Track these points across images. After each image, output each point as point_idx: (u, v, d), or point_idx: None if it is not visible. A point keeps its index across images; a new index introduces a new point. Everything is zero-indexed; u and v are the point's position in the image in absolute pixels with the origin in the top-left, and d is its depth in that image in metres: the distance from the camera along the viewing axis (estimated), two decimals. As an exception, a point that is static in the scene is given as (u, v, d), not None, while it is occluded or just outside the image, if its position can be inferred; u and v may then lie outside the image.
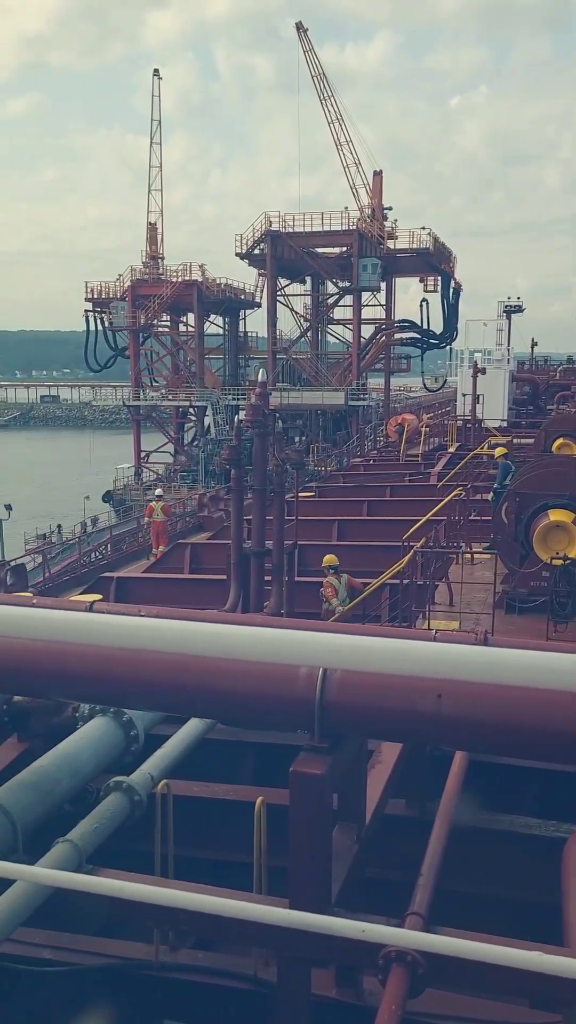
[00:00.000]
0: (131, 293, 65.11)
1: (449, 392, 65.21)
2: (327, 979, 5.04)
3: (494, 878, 6.45)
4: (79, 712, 6.54)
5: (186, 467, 63.46)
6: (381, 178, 65.69)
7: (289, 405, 59.26)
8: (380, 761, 5.92)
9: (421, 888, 4.87)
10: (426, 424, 40.07)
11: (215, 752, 7.24)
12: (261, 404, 12.76)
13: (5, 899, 4.51)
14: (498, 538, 14.77)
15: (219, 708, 4.99)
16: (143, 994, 5.45)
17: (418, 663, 1.36)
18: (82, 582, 20.53)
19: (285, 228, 62.40)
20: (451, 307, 67.08)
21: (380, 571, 15.35)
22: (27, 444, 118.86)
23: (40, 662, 4.71)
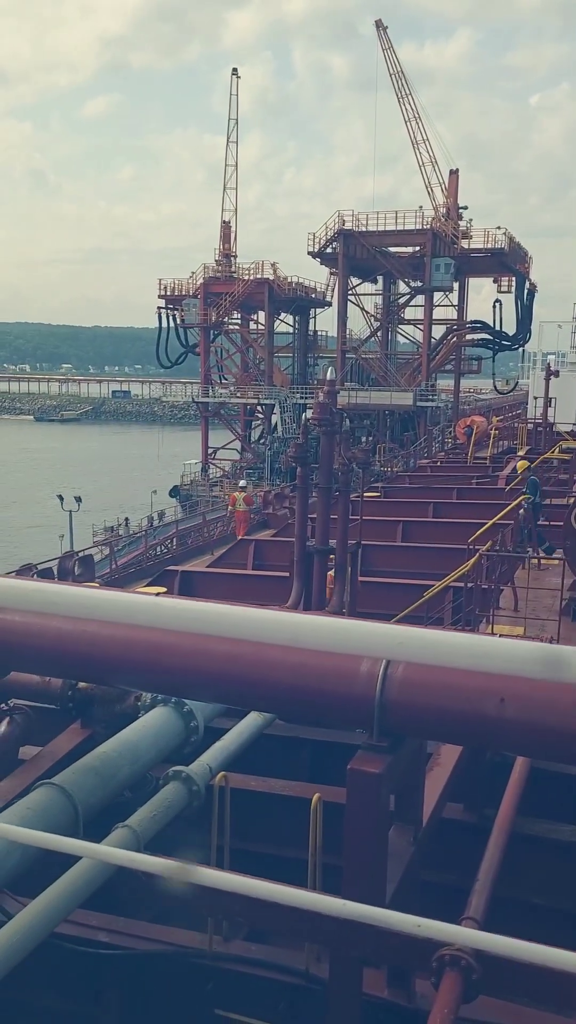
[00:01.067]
0: (203, 291, 65.82)
1: (520, 395, 63.99)
2: (379, 979, 5.02)
3: (554, 889, 6.31)
4: (141, 701, 6.64)
5: (252, 464, 63.84)
6: (457, 177, 64.87)
7: (357, 405, 59.03)
8: (439, 764, 5.86)
9: (477, 894, 4.80)
10: (495, 427, 39.40)
11: (272, 747, 7.27)
12: (329, 403, 12.74)
13: (64, 880, 4.62)
14: (568, 543, 14.43)
15: (279, 702, 5.02)
16: (195, 982, 5.51)
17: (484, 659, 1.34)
18: (147, 575, 20.86)
19: (358, 227, 62.14)
20: (525, 308, 65.77)
21: (444, 574, 15.17)
22: (98, 438, 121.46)
23: (106, 651, 4.81)
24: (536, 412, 37.70)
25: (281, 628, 1.57)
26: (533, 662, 1.26)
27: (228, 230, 69.59)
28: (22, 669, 6.17)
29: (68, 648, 4.87)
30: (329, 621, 1.54)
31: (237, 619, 1.59)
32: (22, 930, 4.37)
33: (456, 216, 63.37)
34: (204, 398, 68.27)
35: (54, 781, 5.31)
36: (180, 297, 67.30)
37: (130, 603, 1.64)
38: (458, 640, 1.32)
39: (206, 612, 1.62)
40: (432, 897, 5.38)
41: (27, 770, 6.39)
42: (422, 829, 5.10)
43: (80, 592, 1.65)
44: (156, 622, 1.55)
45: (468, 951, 4.05)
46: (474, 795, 6.48)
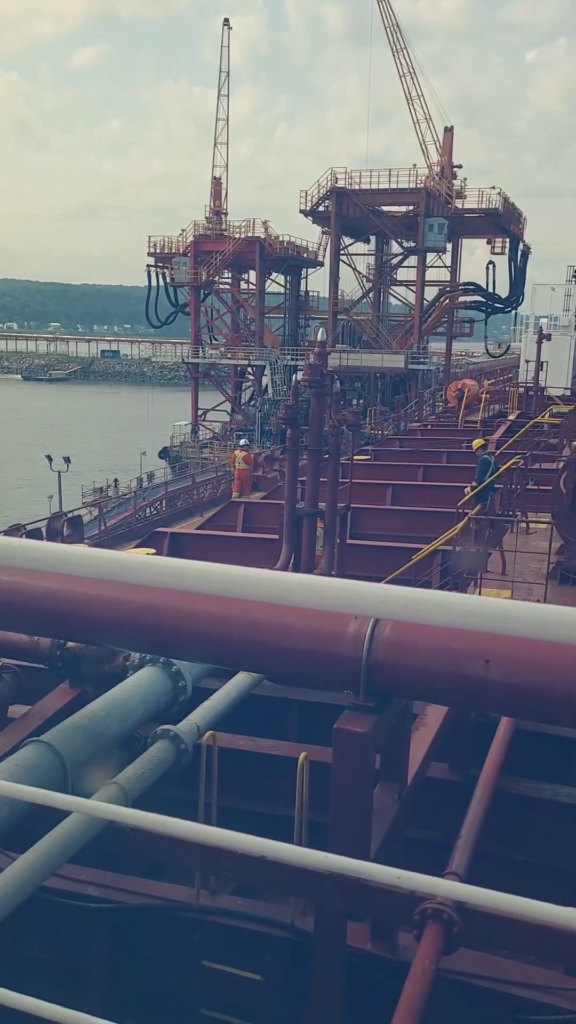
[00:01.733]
0: (193, 249, 64.86)
1: (512, 358, 63.77)
2: (363, 932, 5.13)
3: (536, 846, 6.44)
4: (130, 661, 6.67)
5: (242, 426, 63.55)
6: (452, 135, 63.80)
7: (348, 367, 58.68)
8: (424, 724, 5.93)
9: (460, 850, 4.89)
10: (487, 390, 39.27)
11: (261, 707, 7.33)
12: (320, 364, 12.64)
13: (53, 835, 4.67)
14: (556, 508, 14.47)
15: (267, 663, 5.05)
16: (183, 935, 5.61)
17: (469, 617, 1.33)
18: (136, 536, 20.86)
19: (351, 185, 61.15)
20: (519, 270, 65.19)
21: (433, 537, 15.22)
22: (87, 398, 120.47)
23: (94, 610, 4.82)
24: (527, 376, 37.57)
25: (268, 587, 1.56)
26: (518, 621, 1.26)
27: (219, 187, 68.36)
28: (10, 628, 6.18)
29: (56, 608, 4.87)
30: (315, 579, 1.53)
31: (224, 577, 1.58)
32: (11, 884, 4.43)
33: (450, 175, 62.45)
34: (194, 359, 67.65)
35: (42, 739, 5.34)
36: (170, 255, 66.29)
37: (118, 561, 1.63)
38: (443, 598, 1.31)
39: (193, 570, 1.60)
40: (416, 853, 5.48)
41: (16, 728, 6.43)
42: (407, 787, 5.18)
43: (68, 550, 1.64)
44: (144, 580, 1.54)
45: (449, 904, 4.13)
46: (459, 754, 6.58)
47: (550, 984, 4.96)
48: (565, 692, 3.97)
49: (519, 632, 1.25)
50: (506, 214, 62.12)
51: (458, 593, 1.36)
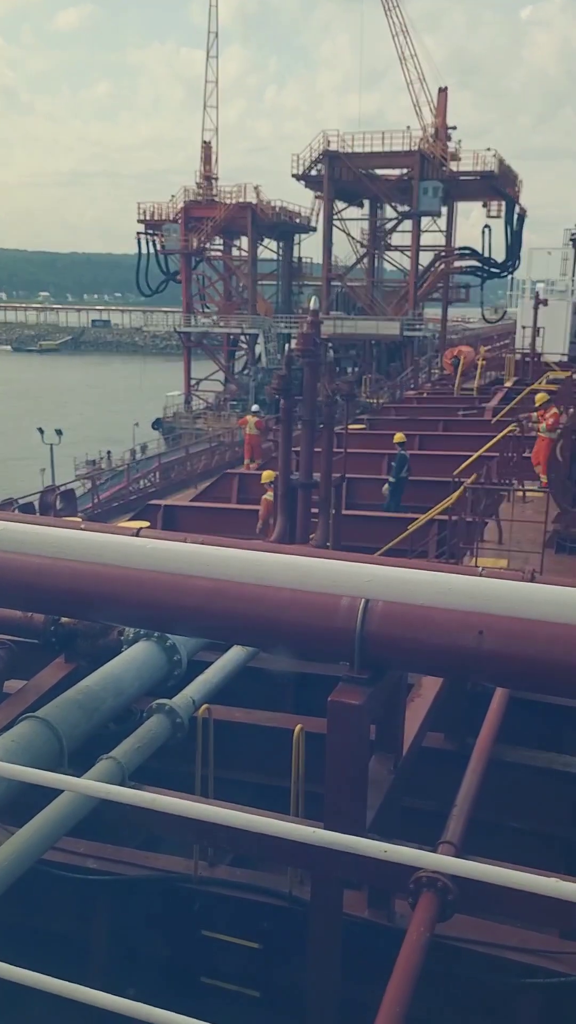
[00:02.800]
0: (184, 215, 63.91)
1: (509, 324, 63.17)
2: (359, 900, 5.19)
3: (530, 813, 6.50)
4: (124, 636, 6.67)
5: (236, 395, 63.18)
6: (446, 95, 62.65)
7: (342, 334, 58.19)
8: (420, 695, 5.95)
9: (455, 818, 4.93)
10: (483, 357, 38.97)
11: (256, 680, 7.35)
12: (312, 333, 12.51)
13: (51, 809, 4.69)
14: (552, 476, 14.45)
15: (261, 636, 5.04)
16: (182, 906, 5.67)
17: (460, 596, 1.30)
18: (130, 509, 20.80)
19: (343, 148, 60.16)
20: (515, 234, 64.46)
21: (429, 506, 15.20)
22: (78, 369, 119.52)
23: (87, 585, 4.79)
24: (524, 342, 37.29)
25: (261, 568, 1.53)
26: (501, 600, 1.23)
27: (209, 151, 67.24)
28: (3, 605, 6.16)
29: (50, 583, 4.84)
30: (304, 561, 1.50)
31: (218, 560, 1.55)
32: (10, 857, 4.46)
33: (445, 137, 61.43)
34: (186, 327, 66.99)
35: (38, 714, 5.35)
36: (160, 222, 65.33)
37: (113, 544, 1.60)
38: (428, 578, 1.28)
39: (186, 553, 1.57)
40: (412, 822, 5.53)
41: (12, 704, 6.44)
42: (402, 758, 5.21)
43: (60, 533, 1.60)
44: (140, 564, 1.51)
45: (444, 872, 4.16)
46: (454, 724, 6.61)
47: (544, 948, 5.04)
48: (558, 662, 3.97)
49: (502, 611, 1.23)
50: (502, 176, 61.27)
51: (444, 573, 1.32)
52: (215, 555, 1.56)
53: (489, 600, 1.31)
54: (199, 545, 1.69)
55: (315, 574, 1.50)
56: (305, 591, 4.32)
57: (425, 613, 4.22)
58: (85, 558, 1.65)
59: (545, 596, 1.28)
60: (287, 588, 4.03)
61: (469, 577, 1.35)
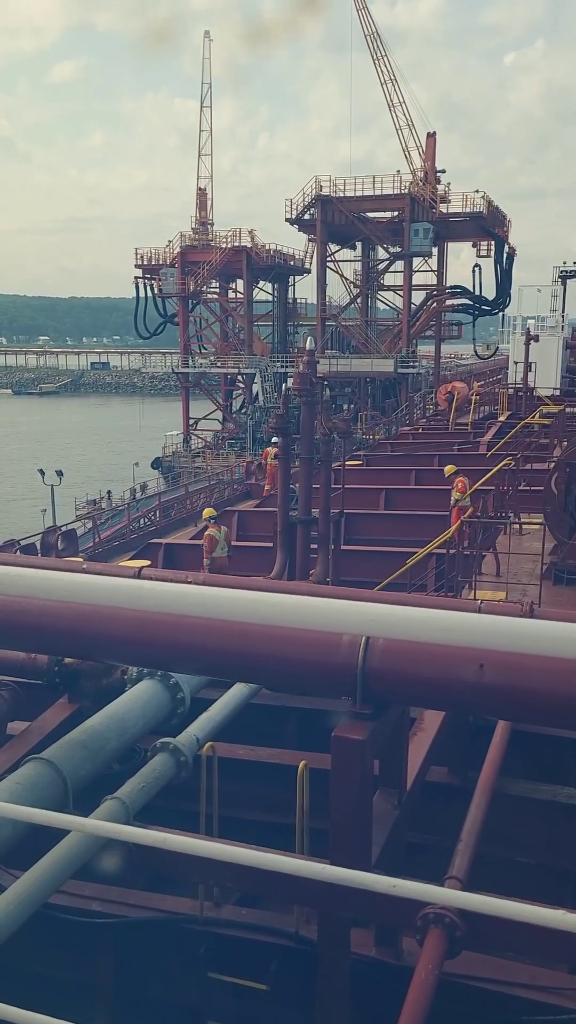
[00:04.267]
0: (180, 259, 64.99)
1: (501, 360, 64.00)
2: (367, 938, 5.15)
3: (535, 847, 6.48)
4: (128, 675, 6.69)
5: (234, 434, 63.61)
6: (435, 140, 64.10)
7: (338, 372, 58.80)
8: (422, 729, 5.97)
9: (460, 853, 4.92)
10: (477, 392, 39.40)
11: (259, 716, 7.36)
12: (309, 372, 12.72)
13: (56, 852, 4.69)
14: (548, 509, 14.56)
15: (264, 673, 5.08)
16: (188, 948, 5.63)
17: (460, 634, 1.38)
18: (131, 548, 20.85)
19: (335, 192, 61.41)
20: (504, 272, 65.51)
21: (427, 540, 15.29)
22: (78, 410, 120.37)
23: (91, 626, 4.84)
24: (517, 377, 37.72)
25: (262, 608, 1.61)
26: (501, 636, 1.31)
27: (204, 197, 68.61)
28: (7, 646, 6.20)
29: (53, 625, 4.89)
30: (309, 600, 1.57)
31: (219, 600, 1.62)
32: (16, 902, 4.45)
33: (434, 180, 62.75)
34: (184, 368, 67.70)
35: (43, 756, 5.36)
36: (157, 266, 66.43)
37: (118, 587, 1.67)
38: (428, 616, 1.36)
39: (190, 594, 1.65)
40: (417, 858, 5.52)
41: (15, 745, 6.44)
42: (406, 793, 5.22)
43: (64, 576, 1.68)
44: (142, 605, 1.59)
45: (452, 909, 4.16)
46: (457, 758, 6.62)
47: (554, 984, 5.00)
48: (558, 695, 4.01)
49: (501, 647, 1.30)
50: (490, 217, 62.46)
51: (443, 609, 1.40)
52: (219, 596, 1.63)
53: (488, 636, 1.39)
54: (202, 586, 1.77)
55: (317, 613, 1.57)
56: (307, 629, 4.39)
57: (426, 648, 4.28)
58: (91, 601, 1.73)
59: (542, 631, 1.35)
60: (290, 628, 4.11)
61: (468, 614, 1.43)
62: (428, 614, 1.42)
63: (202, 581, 6.84)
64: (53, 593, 1.67)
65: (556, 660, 3.93)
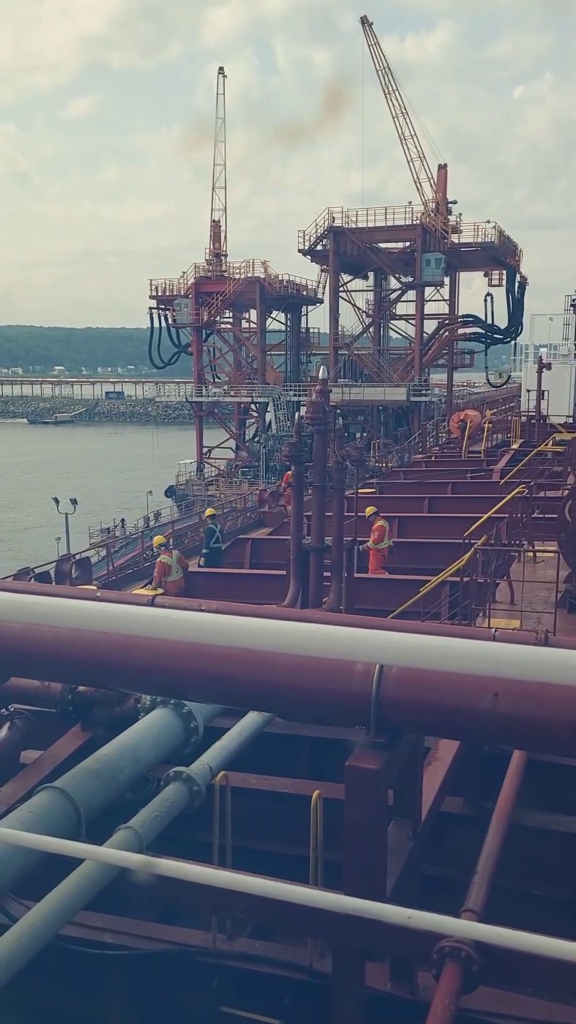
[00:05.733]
0: (194, 290, 65.78)
1: (513, 388, 64.15)
2: (382, 973, 5.08)
3: (552, 879, 6.38)
4: (141, 703, 6.69)
5: (247, 463, 63.87)
6: (446, 172, 64.91)
7: (351, 401, 59.09)
8: (437, 758, 5.92)
9: (476, 886, 4.86)
10: (489, 420, 39.46)
11: (272, 745, 7.32)
12: (322, 401, 12.80)
13: (68, 883, 4.67)
14: (563, 536, 14.50)
15: (277, 702, 5.07)
16: (200, 980, 5.56)
17: (475, 662, 1.39)
18: (145, 575, 20.88)
19: (347, 224, 62.15)
20: (516, 301, 65.88)
21: (440, 568, 15.24)
22: (92, 439, 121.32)
23: (104, 654, 4.86)
24: (529, 405, 37.77)
25: (276, 636, 1.62)
26: (516, 664, 1.32)
27: (218, 229, 69.53)
28: (21, 674, 6.21)
29: (67, 653, 4.91)
30: (322, 629, 1.59)
31: (233, 629, 1.64)
32: (27, 933, 4.42)
33: (445, 211, 63.43)
34: (198, 397, 68.23)
35: (56, 784, 5.35)
36: (171, 297, 67.26)
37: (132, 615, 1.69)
38: (441, 644, 1.37)
39: (204, 623, 1.67)
40: (433, 890, 5.45)
41: (28, 774, 6.43)
42: (421, 823, 5.16)
43: (78, 604, 1.70)
44: (157, 633, 1.61)
45: (468, 942, 4.10)
46: (472, 788, 6.55)
47: (572, 1022, 4.90)
48: (574, 724, 3.98)
49: (516, 675, 1.31)
50: (501, 247, 62.97)
51: (456, 638, 1.42)
52: (233, 624, 1.65)
53: (502, 664, 1.39)
54: (216, 614, 1.78)
55: (331, 641, 1.59)
56: (321, 658, 4.39)
57: (440, 676, 4.26)
58: (104, 628, 1.75)
59: (557, 660, 1.36)
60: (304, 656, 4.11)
61: (481, 642, 1.44)
62: (442, 642, 1.44)
63: (215, 609, 6.85)
64: (66, 621, 1.69)
65: (572, 689, 3.90)
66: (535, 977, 4.43)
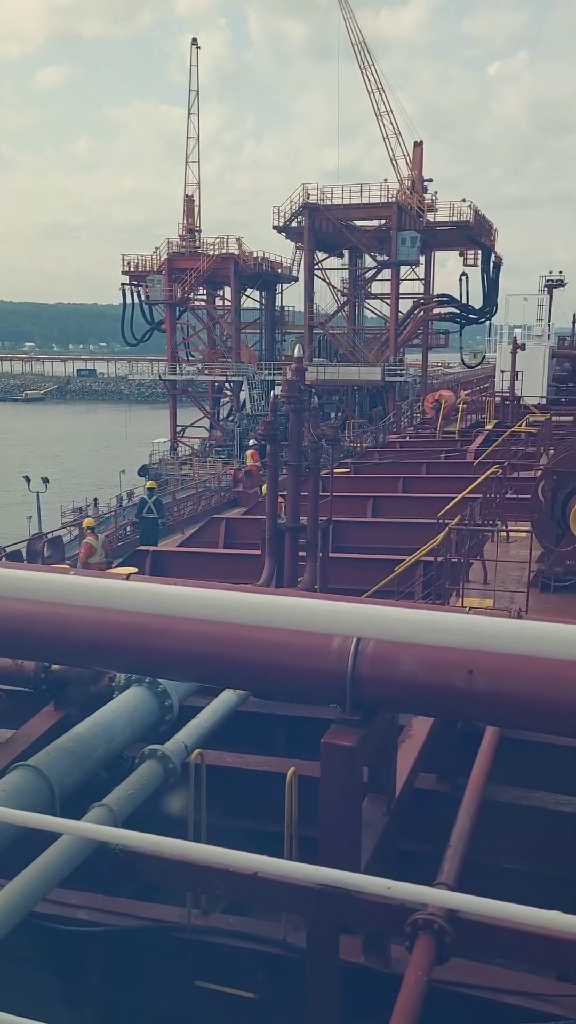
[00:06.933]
0: (168, 266, 65.02)
1: (488, 368, 64.35)
2: (355, 946, 5.13)
3: (524, 854, 6.48)
4: (115, 682, 6.66)
5: (221, 442, 63.62)
6: (422, 149, 64.50)
7: (325, 380, 58.94)
8: (411, 735, 5.97)
9: (449, 860, 4.92)
10: (464, 401, 39.61)
11: (247, 724, 7.34)
12: (297, 380, 12.74)
13: (42, 860, 4.65)
14: (535, 516, 14.63)
15: (252, 680, 5.07)
16: (175, 956, 5.59)
17: (452, 635, 1.38)
18: (118, 555, 20.78)
19: (323, 200, 61.66)
20: (491, 281, 65.95)
21: (415, 548, 15.32)
22: (64, 417, 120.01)
23: (78, 632, 4.82)
24: (503, 386, 37.95)
25: (251, 610, 1.60)
26: (495, 637, 1.31)
27: (191, 204, 68.69)
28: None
29: (39, 631, 4.86)
30: (297, 602, 1.57)
31: (209, 602, 1.61)
32: (1, 911, 4.40)
33: (421, 189, 63.12)
34: (171, 376, 67.65)
35: (29, 763, 5.32)
36: (144, 273, 66.43)
37: (103, 588, 1.66)
38: (422, 617, 1.36)
39: (178, 596, 1.64)
40: (406, 865, 5.51)
41: (1, 753, 6.39)
42: (395, 799, 5.21)
43: (52, 578, 1.67)
44: (131, 607, 1.58)
45: (441, 915, 4.16)
46: (446, 765, 6.61)
47: (542, 991, 5.00)
48: (547, 700, 4.03)
49: (496, 648, 1.30)
50: (477, 226, 62.89)
51: (436, 611, 1.41)
52: (205, 596, 1.63)
53: (481, 638, 1.39)
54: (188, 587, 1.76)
55: (306, 614, 1.57)
56: (296, 631, 4.38)
57: (416, 653, 4.28)
58: (74, 602, 1.72)
59: (534, 632, 1.36)
60: (278, 629, 4.10)
61: (459, 615, 1.43)
62: (419, 614, 1.42)
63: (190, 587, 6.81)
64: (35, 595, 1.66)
65: (545, 663, 3.94)
66: (506, 948, 4.50)
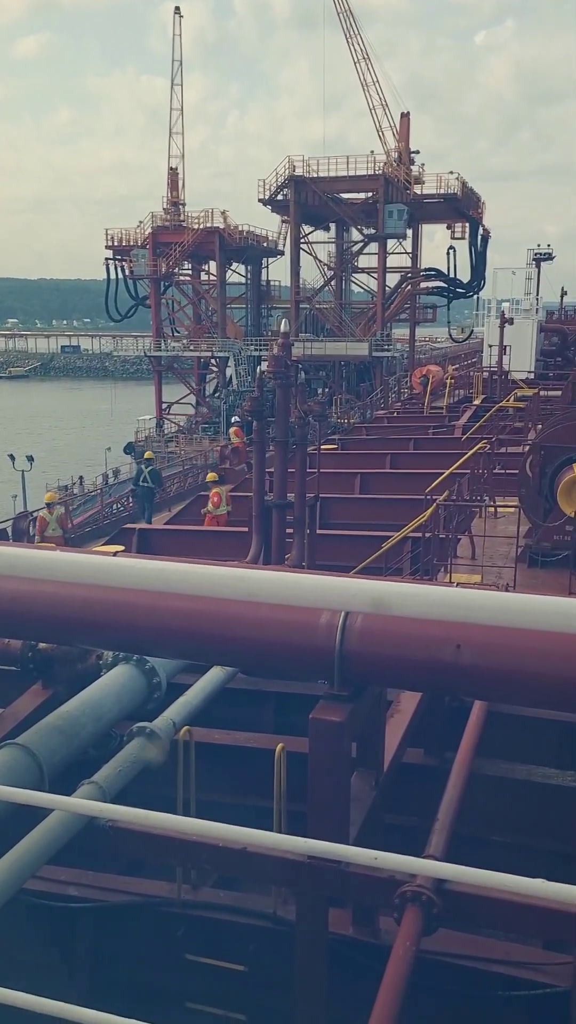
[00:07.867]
0: (152, 240, 64.24)
1: (476, 343, 64.20)
2: (344, 918, 5.18)
3: (511, 826, 6.54)
4: (103, 660, 6.64)
5: (208, 418, 63.31)
6: (408, 120, 63.81)
7: (312, 356, 58.66)
8: (399, 710, 5.99)
9: (437, 832, 4.96)
10: (451, 376, 39.51)
11: (236, 701, 7.35)
12: (283, 355, 12.64)
13: (32, 837, 4.65)
14: (523, 491, 14.66)
15: (240, 657, 5.06)
16: (165, 930, 5.63)
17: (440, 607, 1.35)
18: (104, 533, 20.71)
19: (309, 173, 60.97)
20: (479, 255, 65.61)
21: (403, 524, 15.34)
22: (48, 394, 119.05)
23: (65, 610, 4.78)
24: (491, 360, 37.87)
25: (239, 584, 1.57)
26: (482, 610, 1.29)
27: (176, 177, 67.73)
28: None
29: (26, 609, 4.82)
30: (286, 576, 1.54)
31: (196, 577, 1.59)
32: (-9, 887, 4.40)
33: (408, 161, 62.52)
34: (156, 352, 67.10)
35: (17, 741, 5.30)
36: (128, 247, 65.61)
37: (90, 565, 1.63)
38: (410, 591, 1.33)
39: (164, 572, 1.61)
40: (394, 838, 5.55)
41: (-11, 732, 6.37)
42: (383, 774, 5.23)
43: (39, 555, 1.63)
44: (118, 583, 1.55)
45: (428, 886, 4.19)
46: (434, 739, 6.65)
47: (529, 960, 5.07)
48: (535, 674, 4.04)
49: (483, 620, 1.28)
50: (464, 199, 62.43)
51: (424, 585, 1.38)
52: (191, 572, 1.60)
53: (468, 610, 1.37)
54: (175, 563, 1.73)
55: (293, 589, 1.55)
56: (284, 607, 4.37)
57: (404, 629, 4.28)
58: (61, 579, 1.69)
59: (521, 605, 1.34)
60: (265, 605, 4.08)
61: (447, 588, 1.41)
62: (407, 587, 1.40)
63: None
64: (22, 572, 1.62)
65: (532, 636, 3.95)
66: (493, 918, 4.55)
